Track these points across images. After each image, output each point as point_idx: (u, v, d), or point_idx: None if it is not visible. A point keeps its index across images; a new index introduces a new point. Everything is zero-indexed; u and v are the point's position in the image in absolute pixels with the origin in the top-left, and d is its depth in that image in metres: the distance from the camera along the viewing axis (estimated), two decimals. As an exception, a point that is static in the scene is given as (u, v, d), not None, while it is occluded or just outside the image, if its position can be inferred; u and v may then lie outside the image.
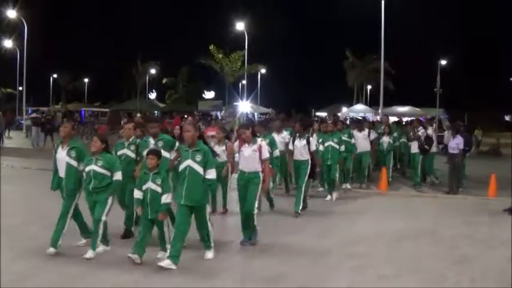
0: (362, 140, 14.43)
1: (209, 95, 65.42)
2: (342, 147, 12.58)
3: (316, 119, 22.03)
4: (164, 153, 7.94)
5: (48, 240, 7.39)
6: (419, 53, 65.72)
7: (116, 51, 74.12)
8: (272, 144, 10.38)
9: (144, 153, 7.80)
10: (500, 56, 72.95)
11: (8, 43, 49.93)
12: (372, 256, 7.80)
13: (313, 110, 51.84)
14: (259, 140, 8.36)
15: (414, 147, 14.96)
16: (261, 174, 8.12)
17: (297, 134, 10.91)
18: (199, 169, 7.02)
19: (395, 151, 15.97)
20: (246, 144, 8.20)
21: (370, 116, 37.40)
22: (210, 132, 12.21)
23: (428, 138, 15.01)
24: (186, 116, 31.35)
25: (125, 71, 63.46)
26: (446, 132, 20.13)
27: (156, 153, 7.33)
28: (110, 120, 39.64)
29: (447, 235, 9.24)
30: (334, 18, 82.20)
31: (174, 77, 68.51)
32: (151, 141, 8.56)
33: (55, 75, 74.04)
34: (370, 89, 64.05)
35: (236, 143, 8.57)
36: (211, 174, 7.09)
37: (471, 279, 6.85)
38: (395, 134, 16.04)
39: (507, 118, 67.68)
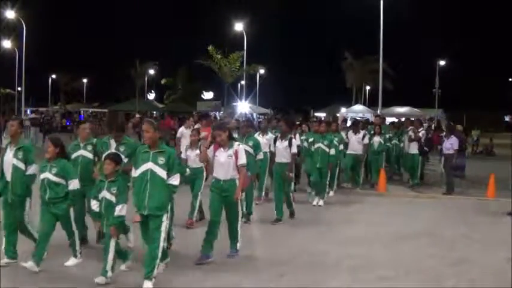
0: (356, 143, 14.14)
1: (208, 95, 65.41)
2: (332, 151, 11.95)
3: (314, 119, 21.97)
4: (125, 159, 7.24)
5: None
6: (418, 53, 65.95)
7: (115, 51, 74.27)
8: (256, 147, 9.79)
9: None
10: (500, 56, 73.03)
11: (7, 43, 49.85)
12: (371, 257, 7.79)
13: (311, 111, 51.84)
14: (236, 144, 7.47)
15: (414, 148, 14.87)
16: (237, 182, 7.31)
17: (279, 135, 10.40)
18: (161, 173, 6.18)
19: (387, 152, 15.59)
20: (222, 149, 7.35)
21: (369, 117, 37.39)
22: (204, 133, 11.37)
23: (429, 140, 15.03)
24: (184, 116, 31.24)
25: (124, 71, 63.37)
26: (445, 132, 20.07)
27: (113, 157, 6.49)
28: (109, 121, 39.59)
29: (446, 236, 9.24)
30: (333, 19, 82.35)
31: (173, 78, 68.47)
32: (113, 143, 7.77)
33: (54, 76, 73.99)
34: (369, 90, 64.02)
35: (211, 147, 7.57)
36: (176, 179, 6.23)
37: (470, 280, 6.85)
38: (387, 135, 15.69)
39: (507, 119, 67.75)
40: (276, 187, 10.16)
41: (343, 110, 47.48)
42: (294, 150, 10.11)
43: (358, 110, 44.87)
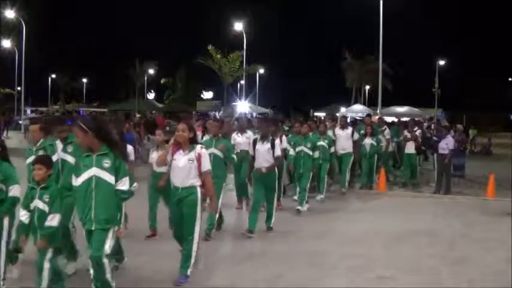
0: (344, 140, 13.18)
1: (208, 95, 65.50)
2: (316, 153, 11.09)
3: (314, 119, 21.92)
4: (71, 159, 6.46)
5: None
6: (418, 53, 65.93)
7: (114, 51, 74.26)
8: (228, 150, 8.75)
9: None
10: (500, 56, 73.05)
11: (7, 43, 49.86)
12: (370, 256, 7.80)
13: (311, 110, 51.82)
14: (198, 147, 6.42)
15: (410, 148, 14.65)
16: (199, 191, 6.31)
17: (258, 137, 9.29)
18: (109, 178, 5.27)
19: (379, 153, 14.43)
20: (181, 151, 6.39)
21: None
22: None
23: (426, 139, 14.99)
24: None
25: (124, 71, 63.40)
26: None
27: (43, 161, 5.58)
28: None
29: (445, 235, 9.24)
30: (333, 19, 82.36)
31: (173, 78, 68.51)
32: (59, 144, 6.80)
33: (53, 76, 74.03)
34: (368, 89, 64.05)
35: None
36: (125, 184, 5.33)
37: (469, 280, 6.85)
38: (381, 136, 14.71)
39: None
40: (257, 196, 8.93)
41: (342, 109, 47.51)
42: (278, 152, 9.03)
43: (358, 110, 44.86)
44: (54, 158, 6.38)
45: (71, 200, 5.70)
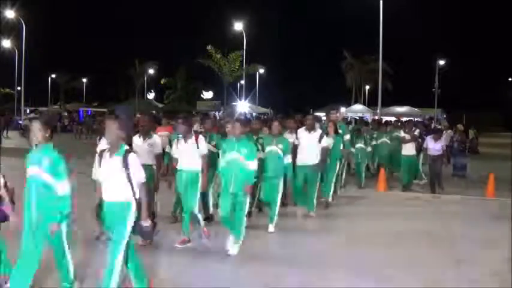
0: (309, 146, 9.96)
1: (208, 95, 65.49)
2: (288, 158, 9.21)
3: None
4: None
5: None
6: (418, 53, 65.91)
7: (114, 51, 74.26)
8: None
9: None
10: (500, 56, 73.06)
11: (7, 43, 49.88)
12: (371, 256, 7.79)
13: (311, 110, 51.86)
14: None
15: (408, 150, 14.29)
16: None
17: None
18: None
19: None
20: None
21: (368, 116, 37.44)
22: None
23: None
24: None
25: (123, 71, 63.44)
26: (444, 132, 20.04)
27: None
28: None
29: (446, 235, 9.24)
30: (333, 19, 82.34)
31: (173, 78, 68.59)
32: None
33: (53, 75, 74.03)
34: (368, 89, 64.11)
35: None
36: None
37: (470, 280, 6.84)
38: (347, 137, 12.69)
39: None
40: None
41: (342, 109, 47.54)
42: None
43: (358, 110, 44.95)
44: None
45: None
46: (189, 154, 7.85)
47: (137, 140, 8.01)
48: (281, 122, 10.04)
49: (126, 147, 5.31)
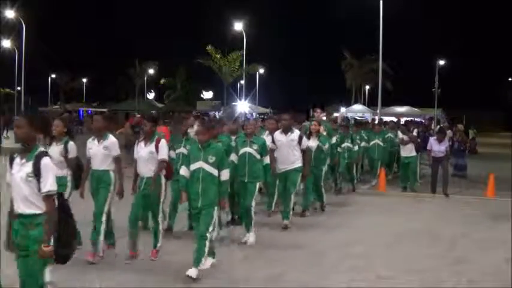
0: (287, 149, 9.06)
1: (207, 95, 65.52)
2: (267, 159, 8.33)
3: (314, 119, 21.72)
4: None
5: None
6: (418, 53, 65.97)
7: (114, 51, 74.31)
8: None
9: None
10: (500, 56, 73.09)
11: (6, 43, 49.88)
12: (370, 256, 7.79)
13: (311, 110, 51.85)
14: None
15: (407, 151, 14.28)
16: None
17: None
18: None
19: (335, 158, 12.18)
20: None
21: (368, 116, 37.44)
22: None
23: (426, 138, 14.95)
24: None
25: (123, 71, 63.45)
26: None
27: None
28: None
29: (445, 235, 9.24)
30: (333, 18, 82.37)
31: (173, 78, 68.61)
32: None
33: (53, 76, 74.02)
34: (368, 89, 64.11)
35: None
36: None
37: (469, 280, 6.84)
38: (334, 140, 12.06)
39: None
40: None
41: (342, 109, 47.54)
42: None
43: (358, 110, 44.93)
44: None
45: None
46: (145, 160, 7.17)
47: (92, 143, 7.27)
48: (277, 120, 9.51)
49: (41, 149, 4.48)
